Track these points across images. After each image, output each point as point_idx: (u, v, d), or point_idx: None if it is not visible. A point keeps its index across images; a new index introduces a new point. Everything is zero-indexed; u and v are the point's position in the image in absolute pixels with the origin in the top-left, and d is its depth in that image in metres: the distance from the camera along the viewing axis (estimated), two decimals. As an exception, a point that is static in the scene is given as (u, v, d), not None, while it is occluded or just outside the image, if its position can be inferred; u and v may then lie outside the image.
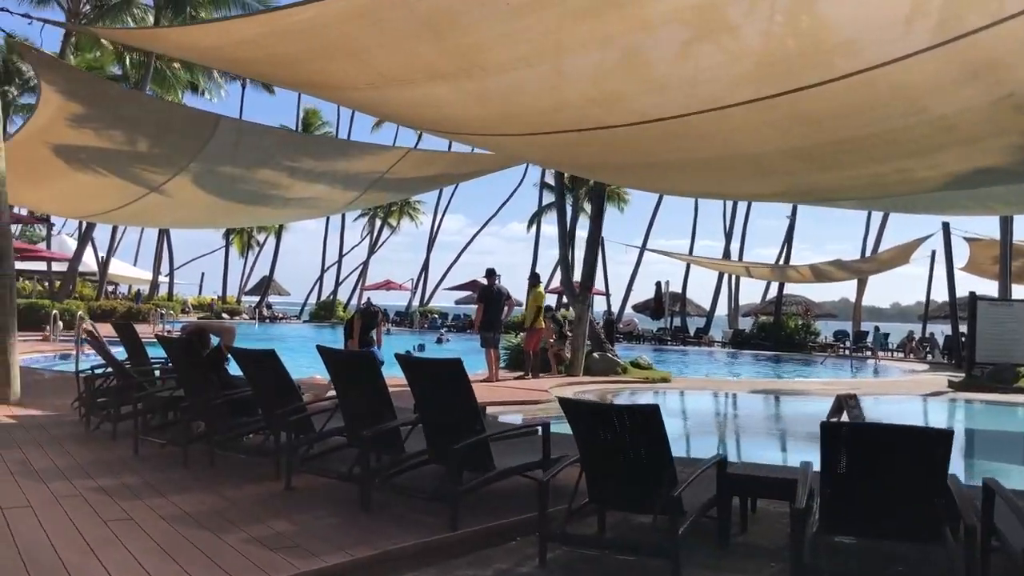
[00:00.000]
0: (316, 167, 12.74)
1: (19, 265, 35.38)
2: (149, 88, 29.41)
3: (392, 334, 29.96)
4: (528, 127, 7.47)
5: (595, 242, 15.57)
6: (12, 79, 30.98)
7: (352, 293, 52.71)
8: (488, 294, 13.69)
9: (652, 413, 4.24)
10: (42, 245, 40.43)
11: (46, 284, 36.61)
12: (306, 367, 13.09)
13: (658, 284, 33.01)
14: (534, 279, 14.83)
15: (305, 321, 46.56)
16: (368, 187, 14.00)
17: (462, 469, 4.91)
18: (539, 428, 5.30)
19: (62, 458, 6.28)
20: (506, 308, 13.88)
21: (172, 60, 32.60)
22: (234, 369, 6.75)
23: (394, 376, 6.12)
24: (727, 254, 45.08)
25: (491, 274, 13.94)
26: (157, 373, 8.42)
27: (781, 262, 39.80)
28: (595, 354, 15.82)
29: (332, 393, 7.04)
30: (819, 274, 32.23)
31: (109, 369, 8.24)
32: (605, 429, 4.34)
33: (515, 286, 41.08)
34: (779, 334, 34.00)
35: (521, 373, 14.41)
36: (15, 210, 24.37)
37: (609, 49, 5.76)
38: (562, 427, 5.58)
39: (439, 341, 31.36)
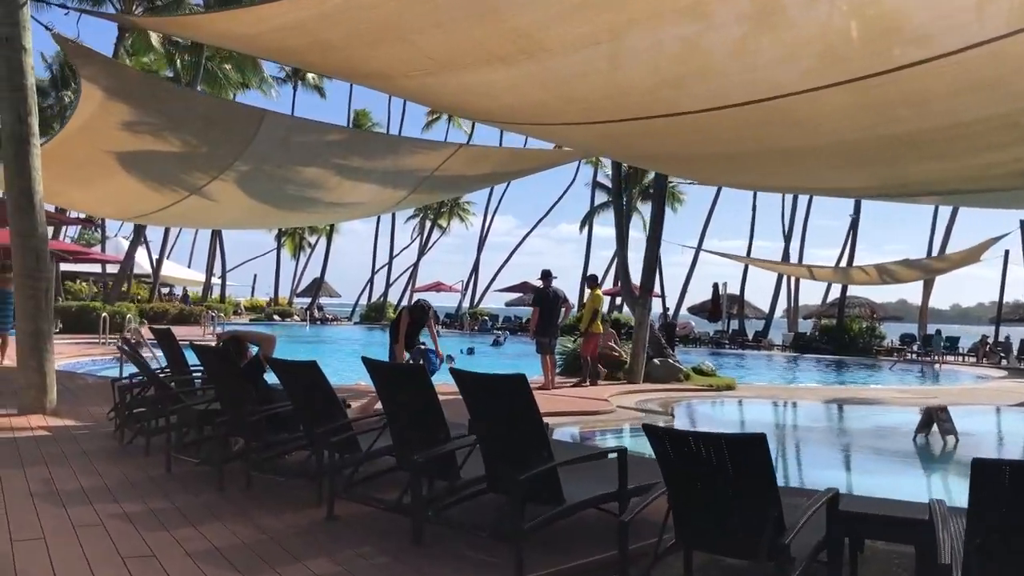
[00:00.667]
0: (365, 164, 12.24)
1: (75, 267, 35.98)
2: (200, 89, 29.36)
3: (441, 336, 29.41)
4: (593, 114, 6.79)
5: (656, 242, 14.77)
6: (68, 84, 31.26)
7: (402, 295, 52.52)
8: (544, 297, 12.96)
9: (757, 444, 3.53)
10: (97, 248, 40.93)
11: (101, 286, 36.95)
12: (355, 373, 12.59)
13: (715, 285, 31.84)
14: (592, 281, 14.14)
15: (356, 323, 46.49)
16: (418, 185, 13.44)
17: (527, 501, 4.26)
18: (615, 453, 4.61)
19: (89, 477, 5.78)
20: (563, 311, 13.16)
21: (223, 61, 32.60)
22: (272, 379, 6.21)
23: (445, 383, 5.53)
24: (786, 255, 43.72)
25: (546, 276, 13.22)
26: (199, 383, 7.92)
27: (844, 262, 38.51)
28: (656, 360, 15.06)
29: (380, 406, 6.47)
30: (885, 274, 30.85)
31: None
32: (700, 462, 3.65)
33: (566, 288, 40.40)
34: (842, 337, 32.79)
35: (578, 379, 13.74)
36: (71, 214, 24.44)
37: (678, 25, 5.09)
38: (626, 440, 4.92)
39: (496, 343, 30.65)
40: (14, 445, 6.82)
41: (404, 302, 48.98)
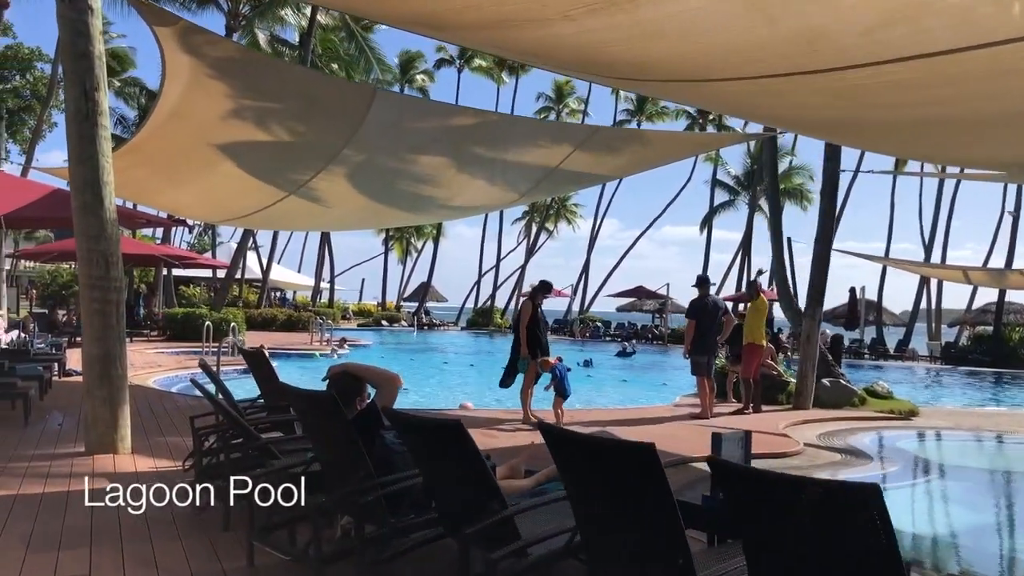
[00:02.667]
0: (487, 149, 10.44)
1: (185, 273, 35.90)
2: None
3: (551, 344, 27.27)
4: (845, 56, 4.68)
5: (827, 242, 12.45)
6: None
7: (509, 299, 51.12)
8: (702, 308, 10.79)
9: None
10: (208, 254, 40.96)
11: (212, 292, 36.85)
12: (464, 385, 10.73)
13: (852, 290, 28.79)
14: (755, 286, 11.96)
15: (463, 328, 45.22)
16: (545, 176, 11.56)
17: None
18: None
19: (138, 571, 4.11)
20: (724, 322, 11.02)
21: (330, 60, 31.73)
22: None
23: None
24: (928, 256, 40.02)
25: (703, 283, 11.03)
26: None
27: (994, 262, 34.99)
28: (824, 380, 12.75)
29: (533, 463, 4.62)
30: (1054, 278, 27.44)
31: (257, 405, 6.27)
32: None
33: (677, 292, 38.40)
34: (999, 348, 29.45)
35: (739, 406, 11.59)
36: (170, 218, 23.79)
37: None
38: None
39: (623, 353, 28.31)
40: (61, 508, 5.25)
41: (512, 306, 47.29)
